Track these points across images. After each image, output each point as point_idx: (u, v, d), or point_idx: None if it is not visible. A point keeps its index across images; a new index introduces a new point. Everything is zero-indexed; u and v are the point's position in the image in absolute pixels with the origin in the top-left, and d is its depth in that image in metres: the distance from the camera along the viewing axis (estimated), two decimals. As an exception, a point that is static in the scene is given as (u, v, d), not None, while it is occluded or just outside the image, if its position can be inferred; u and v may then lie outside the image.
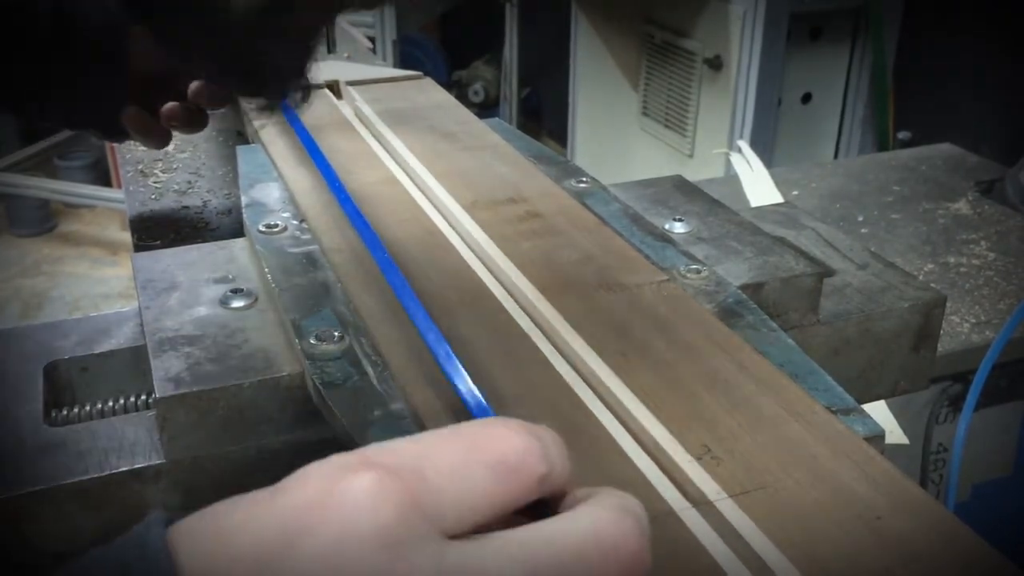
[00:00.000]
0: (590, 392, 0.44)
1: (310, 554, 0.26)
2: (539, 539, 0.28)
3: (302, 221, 0.61)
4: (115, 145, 1.02)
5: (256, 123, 0.79)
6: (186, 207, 0.85)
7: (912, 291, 0.62)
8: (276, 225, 0.60)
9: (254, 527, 0.26)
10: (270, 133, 0.76)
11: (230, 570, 0.26)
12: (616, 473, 0.39)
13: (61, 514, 0.46)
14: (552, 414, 0.42)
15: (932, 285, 0.74)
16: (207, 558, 0.26)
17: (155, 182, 0.91)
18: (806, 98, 2.27)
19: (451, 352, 0.42)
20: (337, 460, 0.28)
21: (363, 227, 0.56)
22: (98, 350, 0.56)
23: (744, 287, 0.56)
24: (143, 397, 0.53)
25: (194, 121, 0.76)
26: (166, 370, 0.48)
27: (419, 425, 0.42)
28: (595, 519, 0.28)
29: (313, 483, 0.27)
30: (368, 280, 0.53)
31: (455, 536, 0.27)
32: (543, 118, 3.67)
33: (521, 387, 0.44)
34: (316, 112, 0.81)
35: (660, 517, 0.36)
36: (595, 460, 0.39)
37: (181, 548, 0.26)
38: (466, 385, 0.40)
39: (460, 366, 0.41)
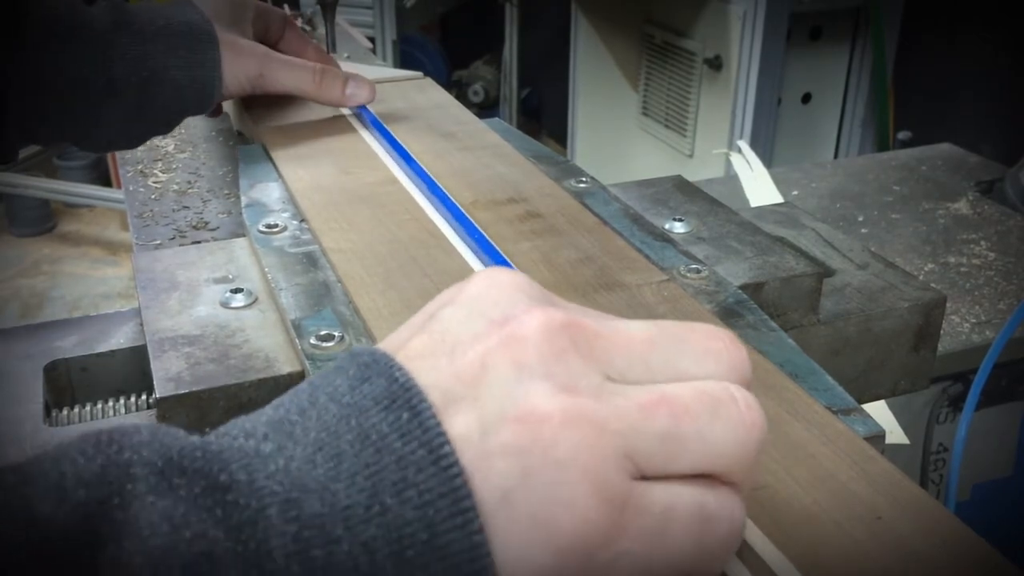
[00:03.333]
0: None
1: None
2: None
3: (302, 221, 0.61)
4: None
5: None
6: (186, 207, 0.85)
7: (912, 291, 0.62)
8: (276, 225, 0.60)
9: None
10: (271, 133, 0.76)
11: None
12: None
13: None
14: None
15: (932, 285, 0.74)
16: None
17: (155, 182, 0.91)
18: (806, 98, 2.27)
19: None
20: None
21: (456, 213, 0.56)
22: (98, 350, 0.56)
23: (744, 287, 0.56)
24: (143, 397, 0.53)
25: None
26: (166, 370, 0.48)
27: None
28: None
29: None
30: (368, 280, 0.53)
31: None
32: (543, 118, 3.67)
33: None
34: (316, 112, 0.81)
35: (660, 517, 0.36)
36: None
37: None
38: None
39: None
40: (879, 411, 0.83)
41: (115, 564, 0.24)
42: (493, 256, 0.54)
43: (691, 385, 0.29)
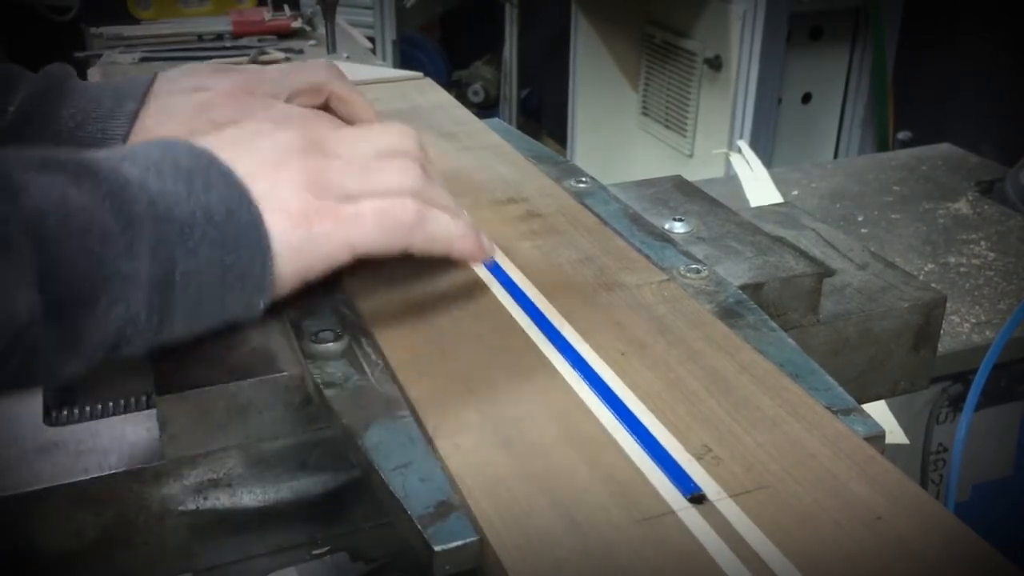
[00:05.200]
0: (590, 391, 0.44)
1: None
2: None
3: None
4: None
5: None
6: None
7: (912, 291, 0.62)
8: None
9: None
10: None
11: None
12: (616, 472, 0.39)
13: (61, 514, 0.46)
14: (552, 413, 0.42)
15: (932, 285, 0.74)
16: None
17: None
18: (806, 98, 2.27)
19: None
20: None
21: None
22: (98, 350, 0.55)
23: (744, 287, 0.56)
24: (143, 397, 0.53)
25: None
26: (166, 370, 0.48)
27: (419, 425, 0.42)
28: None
29: None
30: (369, 280, 0.53)
31: None
32: (543, 118, 3.67)
33: (521, 386, 0.44)
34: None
35: (660, 517, 0.36)
36: (595, 459, 0.39)
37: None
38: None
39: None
40: (879, 411, 0.83)
41: (22, 210, 0.37)
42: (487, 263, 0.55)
43: (383, 159, 0.50)
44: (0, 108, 0.59)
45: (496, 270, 0.54)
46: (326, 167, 0.48)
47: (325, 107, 0.65)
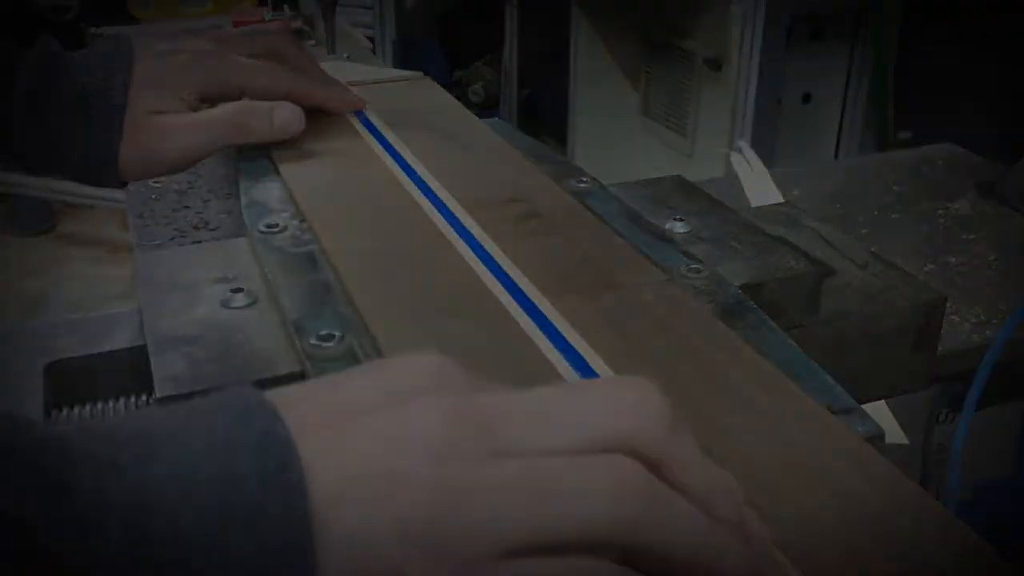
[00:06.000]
0: (590, 392, 0.44)
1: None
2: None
3: (302, 221, 0.61)
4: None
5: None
6: (186, 207, 0.86)
7: (912, 291, 0.62)
8: (276, 225, 0.60)
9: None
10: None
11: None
12: (616, 473, 0.39)
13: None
14: (552, 414, 0.42)
15: (932, 285, 0.73)
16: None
17: (155, 182, 0.91)
18: (806, 98, 2.27)
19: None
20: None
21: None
22: (98, 350, 0.55)
23: (744, 287, 0.56)
24: (143, 397, 0.53)
25: None
26: (166, 370, 0.48)
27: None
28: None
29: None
30: (368, 280, 0.53)
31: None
32: (543, 118, 3.67)
33: (521, 386, 0.44)
34: (316, 113, 0.81)
35: (660, 517, 0.36)
36: (595, 460, 0.39)
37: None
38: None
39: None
40: (879, 411, 0.83)
41: None
42: (481, 255, 0.55)
43: (584, 456, 0.28)
44: (8, 83, 0.64)
45: (496, 270, 0.54)
46: (469, 475, 0.27)
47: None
